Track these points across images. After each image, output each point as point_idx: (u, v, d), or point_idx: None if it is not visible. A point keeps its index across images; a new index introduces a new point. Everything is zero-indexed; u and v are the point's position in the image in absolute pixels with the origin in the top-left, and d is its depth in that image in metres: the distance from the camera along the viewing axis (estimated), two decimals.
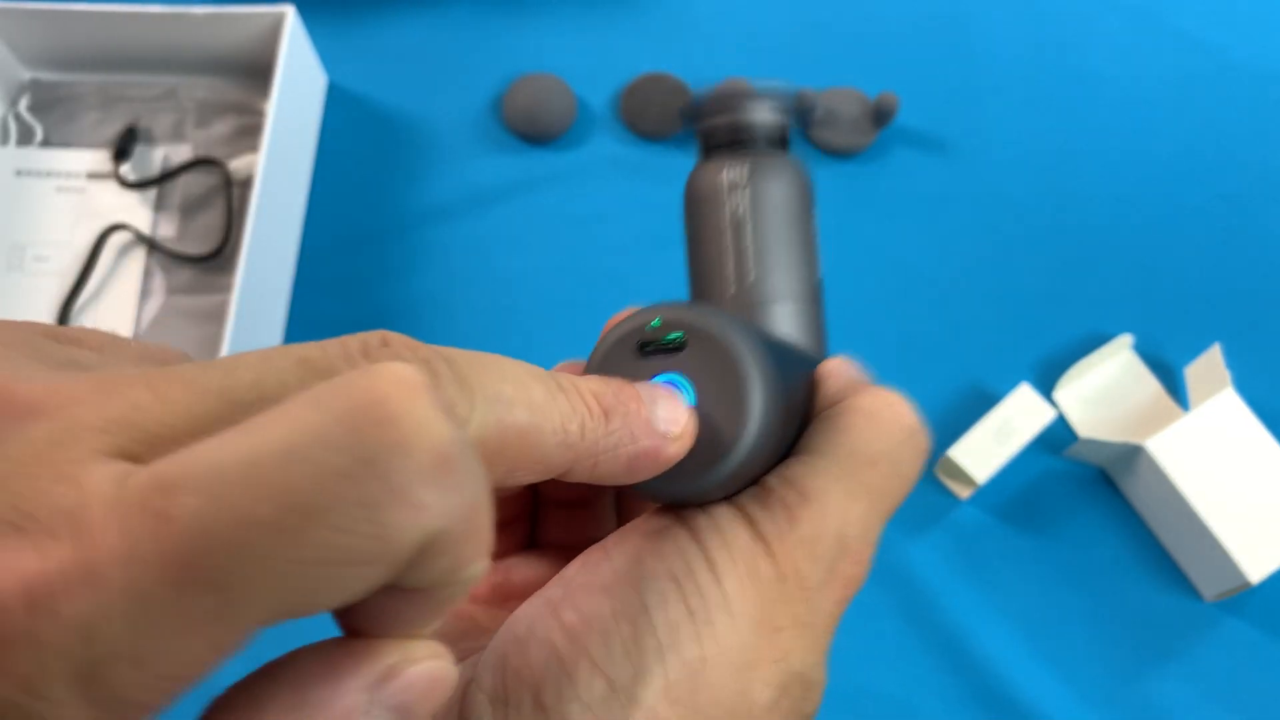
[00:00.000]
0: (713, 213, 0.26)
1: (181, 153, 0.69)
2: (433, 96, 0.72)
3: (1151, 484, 0.59)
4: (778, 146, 0.26)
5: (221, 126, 0.69)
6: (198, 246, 0.66)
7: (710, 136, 0.27)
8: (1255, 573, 0.55)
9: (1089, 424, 0.63)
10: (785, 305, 0.26)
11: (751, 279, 0.25)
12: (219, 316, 0.63)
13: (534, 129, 0.70)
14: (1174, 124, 0.71)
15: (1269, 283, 0.67)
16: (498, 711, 0.19)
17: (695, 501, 0.21)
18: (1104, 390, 0.64)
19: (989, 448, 0.59)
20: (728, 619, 0.20)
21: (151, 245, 0.66)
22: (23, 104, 0.71)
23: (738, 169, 0.26)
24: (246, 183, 0.66)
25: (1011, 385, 0.61)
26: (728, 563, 0.20)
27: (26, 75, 0.72)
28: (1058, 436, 0.62)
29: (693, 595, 0.20)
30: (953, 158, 0.70)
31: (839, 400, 0.24)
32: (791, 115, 0.27)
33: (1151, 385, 0.64)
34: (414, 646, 0.16)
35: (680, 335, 0.20)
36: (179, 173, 0.68)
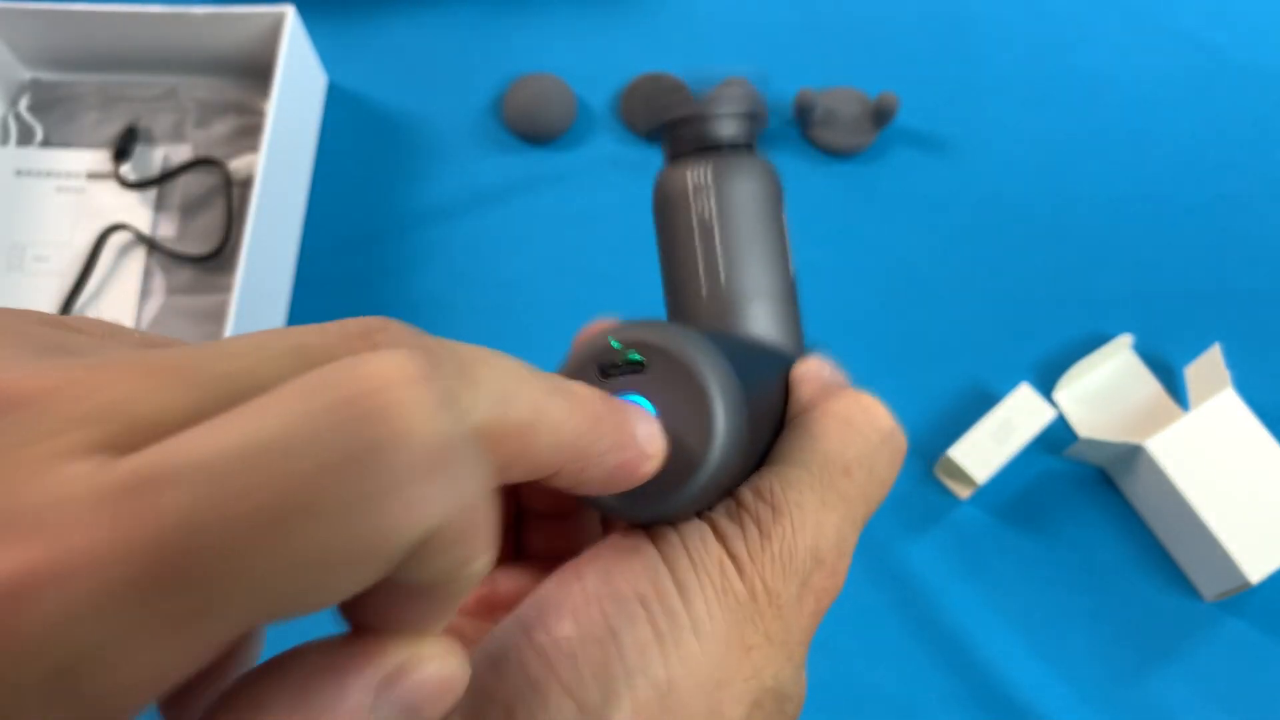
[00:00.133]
0: (680, 216, 0.26)
1: (181, 153, 0.69)
2: (433, 96, 0.72)
3: (1151, 484, 0.59)
4: (742, 146, 0.26)
5: (221, 126, 0.69)
6: (198, 246, 0.66)
7: (674, 140, 0.27)
8: (1255, 573, 0.55)
9: (1089, 424, 0.63)
10: (759, 305, 0.26)
11: (723, 280, 0.25)
12: (219, 316, 0.63)
13: (534, 129, 0.70)
14: (1174, 124, 0.71)
15: (1269, 283, 0.67)
16: None
17: (666, 520, 0.21)
18: (1104, 390, 0.64)
19: (989, 448, 0.59)
20: (695, 640, 0.20)
21: (151, 245, 0.66)
22: (23, 104, 0.71)
23: (701, 171, 0.26)
24: (246, 183, 0.66)
25: (1011, 385, 0.61)
26: (695, 584, 0.20)
27: (26, 75, 0.72)
28: (1058, 436, 0.62)
29: (660, 617, 0.20)
30: (953, 158, 0.70)
31: (813, 405, 0.24)
32: (756, 114, 0.27)
33: (1151, 385, 0.64)
34: (424, 644, 0.15)
35: (640, 356, 0.20)
36: (179, 173, 0.68)
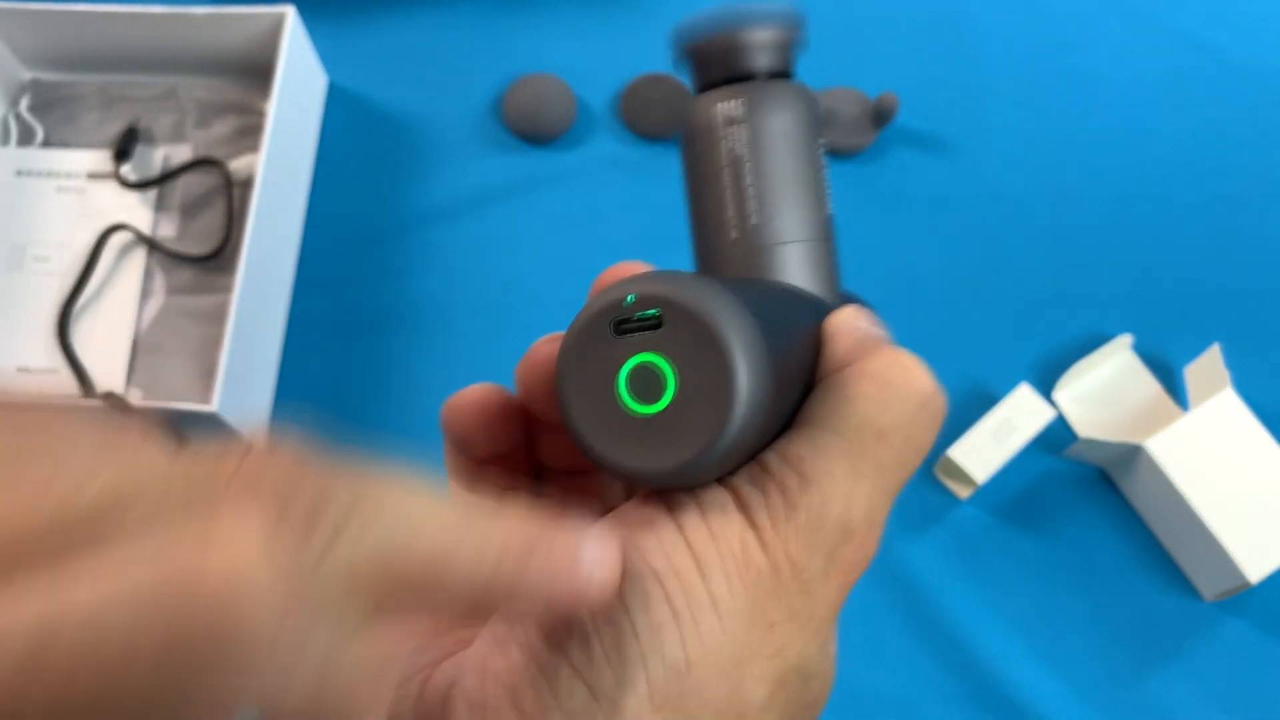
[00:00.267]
0: (709, 151, 0.24)
1: (182, 153, 0.69)
2: (433, 96, 0.72)
3: (1151, 484, 0.59)
4: (777, 75, 0.24)
5: (222, 126, 0.69)
6: (198, 246, 0.66)
7: (702, 69, 0.24)
8: (1255, 573, 0.55)
9: (1088, 424, 0.63)
10: (792, 249, 0.24)
11: (754, 221, 0.23)
12: (219, 316, 0.63)
13: (534, 129, 0.70)
14: (1174, 124, 0.71)
15: (1269, 283, 0.67)
16: (475, 715, 0.19)
17: (684, 486, 0.20)
18: (1103, 390, 0.64)
19: (988, 448, 0.59)
20: (715, 619, 0.19)
21: (152, 245, 0.66)
22: (23, 104, 0.71)
23: (733, 103, 0.23)
24: (247, 183, 0.66)
25: (1011, 385, 0.61)
26: (715, 559, 0.19)
27: (27, 75, 0.72)
28: (1057, 436, 0.62)
29: (677, 595, 0.19)
30: (953, 158, 0.70)
31: (847, 363, 0.22)
32: (793, 39, 0.24)
33: (1151, 385, 0.64)
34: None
35: (656, 311, 0.19)
36: (179, 173, 0.68)
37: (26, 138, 0.70)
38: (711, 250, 0.24)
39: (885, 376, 0.22)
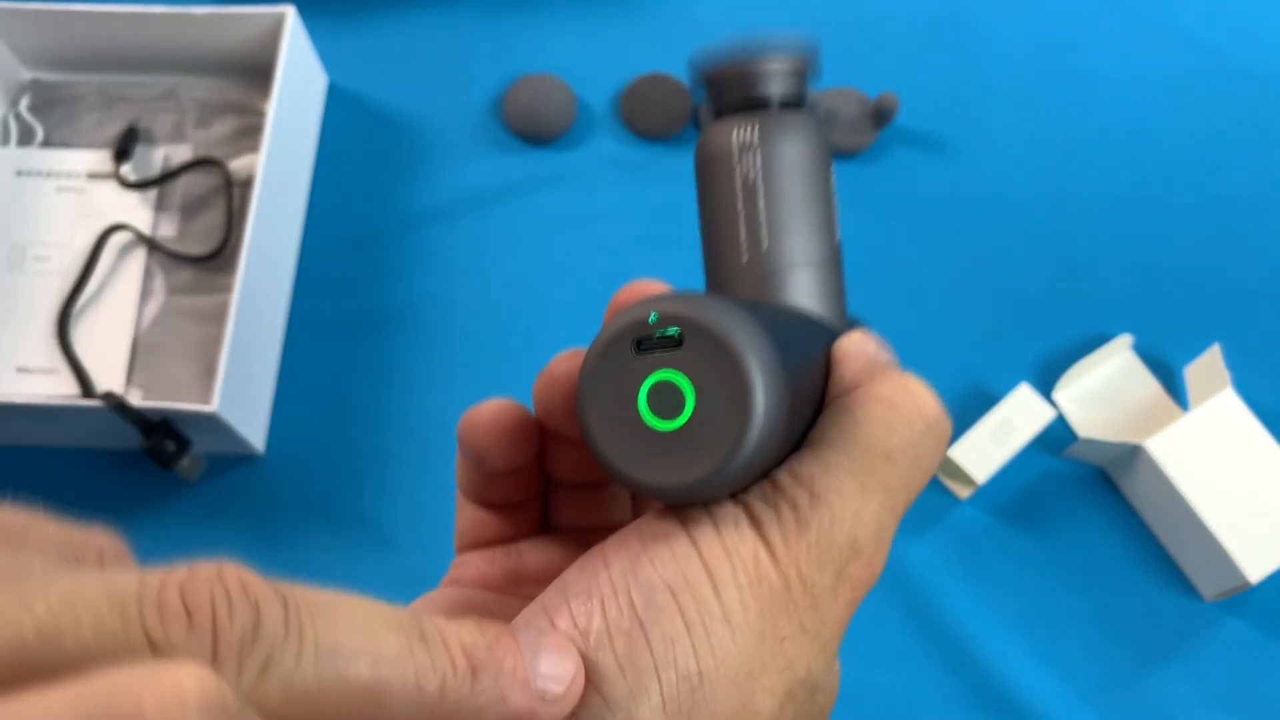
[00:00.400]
0: (723, 177, 0.25)
1: (182, 153, 0.69)
2: (433, 96, 0.72)
3: (1151, 484, 0.59)
4: (792, 105, 0.25)
5: (222, 126, 0.69)
6: (198, 246, 0.66)
7: (719, 95, 0.25)
8: (1255, 573, 0.55)
9: (1088, 424, 0.63)
10: (803, 273, 0.24)
11: (765, 246, 0.24)
12: (219, 316, 0.63)
13: (534, 129, 0.70)
14: (1174, 124, 0.71)
15: (1269, 283, 0.67)
16: None
17: (698, 502, 0.20)
18: (1103, 390, 0.64)
19: (989, 448, 0.59)
20: (727, 631, 0.19)
21: (152, 245, 0.66)
22: (23, 104, 0.71)
23: (748, 130, 0.24)
24: (247, 183, 0.66)
25: (1011, 385, 0.61)
26: (728, 573, 0.19)
27: (27, 75, 0.72)
28: (1057, 436, 0.62)
29: (690, 608, 0.19)
30: (953, 158, 0.70)
31: (856, 385, 0.23)
32: (807, 70, 0.25)
33: (1151, 385, 0.64)
34: None
35: (677, 331, 0.19)
36: (179, 173, 0.68)
37: (26, 138, 0.70)
38: (724, 272, 0.25)
39: (893, 400, 0.22)
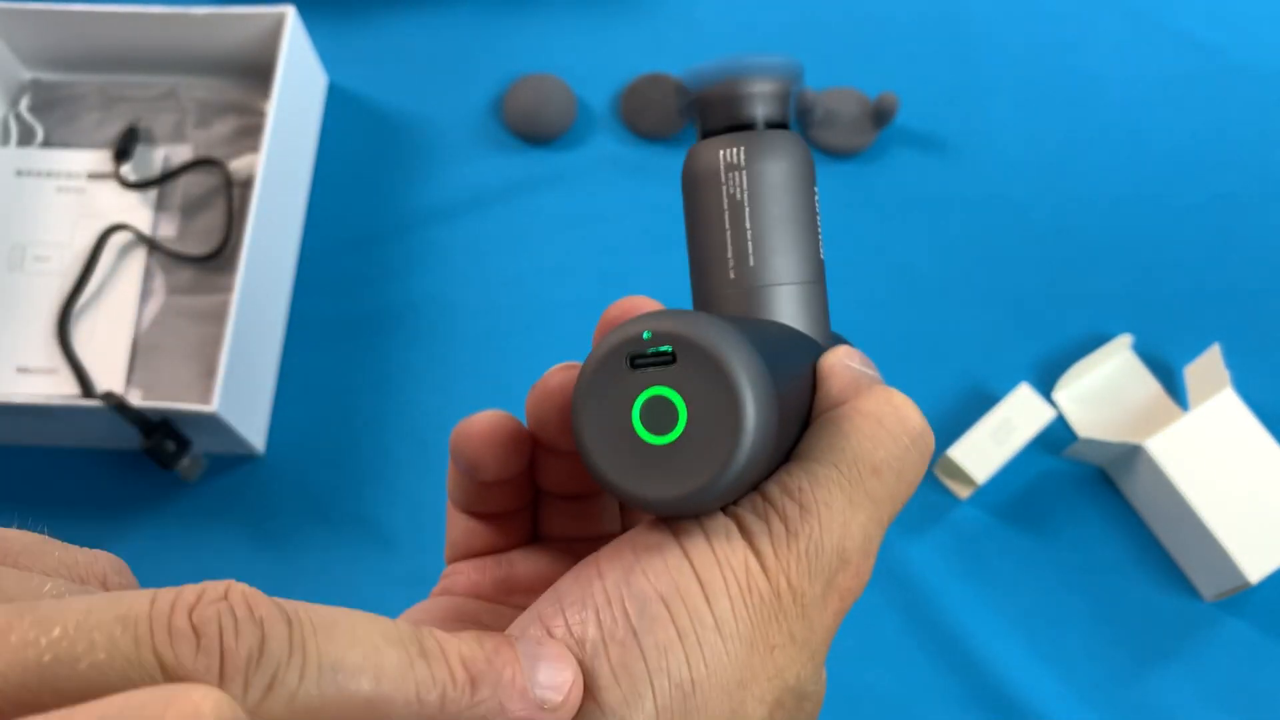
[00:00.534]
0: (710, 195, 0.25)
1: (182, 153, 0.69)
2: (433, 96, 0.72)
3: (1151, 484, 0.59)
4: (776, 125, 0.26)
5: (222, 126, 0.69)
6: (198, 246, 0.66)
7: (705, 116, 0.26)
8: (1255, 573, 0.55)
9: (1088, 424, 0.63)
10: (788, 290, 0.25)
11: (751, 263, 0.25)
12: (219, 316, 0.63)
13: (534, 129, 0.70)
14: (1174, 124, 0.71)
15: (1269, 283, 0.67)
16: None
17: (690, 515, 0.21)
18: (1103, 390, 0.64)
19: (988, 448, 0.59)
20: (719, 640, 0.19)
21: (152, 245, 0.66)
22: (23, 104, 0.71)
23: (734, 150, 0.25)
24: (247, 183, 0.66)
25: (1011, 385, 0.61)
26: (719, 582, 0.20)
27: (27, 75, 0.72)
28: (1057, 436, 0.62)
29: (682, 617, 0.19)
30: (953, 158, 0.70)
31: (842, 400, 0.23)
32: (791, 91, 0.26)
33: (1151, 385, 0.64)
34: None
35: (670, 348, 0.20)
36: (179, 173, 0.68)
37: (26, 138, 0.70)
38: (710, 288, 0.25)
39: (879, 414, 0.23)
